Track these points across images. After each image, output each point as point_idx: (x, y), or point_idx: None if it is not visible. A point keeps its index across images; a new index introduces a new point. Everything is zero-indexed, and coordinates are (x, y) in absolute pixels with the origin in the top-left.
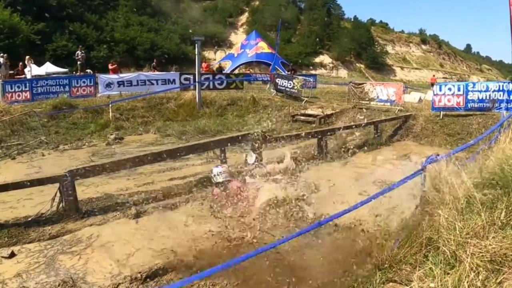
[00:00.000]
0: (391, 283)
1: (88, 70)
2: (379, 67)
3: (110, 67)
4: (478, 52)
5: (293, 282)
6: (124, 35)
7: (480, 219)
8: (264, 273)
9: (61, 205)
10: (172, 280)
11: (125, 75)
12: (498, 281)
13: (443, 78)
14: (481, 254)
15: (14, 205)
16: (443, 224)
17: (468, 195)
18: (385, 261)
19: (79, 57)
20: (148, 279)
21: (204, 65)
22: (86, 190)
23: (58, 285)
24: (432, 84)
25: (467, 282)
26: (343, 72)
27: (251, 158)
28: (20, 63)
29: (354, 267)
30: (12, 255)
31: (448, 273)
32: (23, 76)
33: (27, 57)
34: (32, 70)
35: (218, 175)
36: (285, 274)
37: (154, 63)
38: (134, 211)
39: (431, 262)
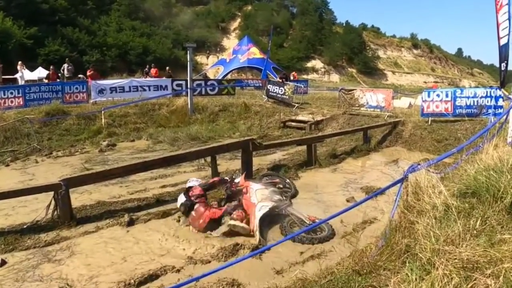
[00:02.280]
0: None
1: (80, 76)
2: (371, 71)
3: (88, 73)
4: (469, 56)
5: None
6: (116, 40)
7: (457, 227)
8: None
9: (55, 212)
10: (162, 286)
11: (118, 81)
12: (469, 286)
13: (434, 82)
14: (455, 261)
15: (9, 212)
16: (421, 231)
17: (446, 204)
18: (366, 267)
19: (66, 70)
20: (140, 285)
21: (153, 71)
22: (79, 197)
23: None
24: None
25: (440, 287)
26: (335, 77)
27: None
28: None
29: (335, 271)
30: (3, 263)
31: (423, 279)
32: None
33: (20, 62)
34: (24, 75)
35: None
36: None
37: (146, 69)
38: (127, 219)
39: (408, 268)
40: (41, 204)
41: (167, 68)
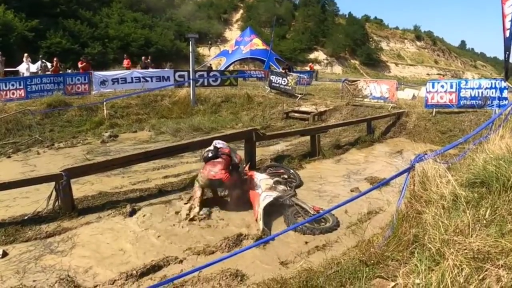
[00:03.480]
0: (378, 279)
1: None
2: (374, 63)
3: (79, 65)
4: (472, 49)
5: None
6: (118, 32)
7: (466, 217)
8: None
9: (57, 203)
10: (166, 276)
11: (119, 73)
12: (480, 277)
13: (438, 74)
14: (465, 251)
15: (10, 204)
16: (429, 221)
17: (454, 194)
18: (373, 257)
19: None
20: (143, 276)
21: (125, 62)
22: (81, 188)
23: (56, 282)
24: None
25: (450, 278)
26: (337, 69)
27: None
28: None
29: (341, 262)
30: (5, 254)
31: (432, 270)
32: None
33: (25, 54)
34: (30, 67)
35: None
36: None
37: (147, 60)
38: (129, 209)
39: (416, 258)
40: (42, 195)
41: (169, 63)
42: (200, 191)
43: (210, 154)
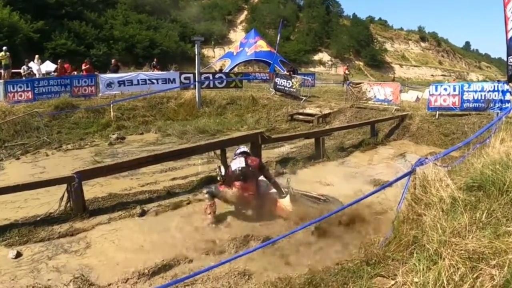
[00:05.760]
0: (378, 277)
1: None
2: (378, 64)
3: (83, 67)
4: (477, 50)
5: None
6: (123, 33)
7: (463, 220)
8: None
9: (69, 204)
10: (176, 275)
11: (126, 75)
12: (474, 276)
13: (442, 75)
14: (461, 252)
15: (22, 205)
16: (428, 223)
17: (453, 197)
18: (374, 257)
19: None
20: (154, 275)
21: (84, 65)
22: (91, 189)
23: (70, 281)
24: None
25: (446, 277)
26: (342, 70)
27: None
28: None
29: (345, 262)
30: (19, 255)
31: (430, 269)
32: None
33: (36, 56)
34: (34, 68)
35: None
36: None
37: (154, 62)
38: (139, 210)
39: (415, 258)
40: (53, 197)
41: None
42: (215, 206)
43: (241, 172)
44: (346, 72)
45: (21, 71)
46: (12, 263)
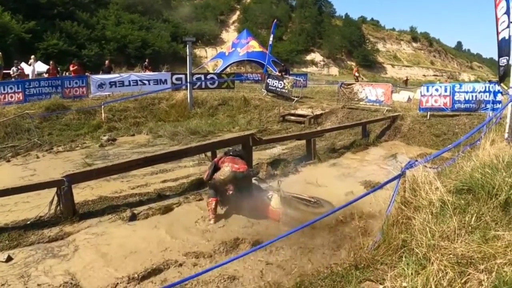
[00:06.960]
0: (367, 282)
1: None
2: (370, 64)
3: (71, 68)
4: (469, 50)
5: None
6: (115, 33)
7: (452, 223)
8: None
9: (58, 208)
10: (166, 279)
11: (117, 76)
12: (463, 281)
13: (434, 75)
14: (450, 256)
15: (12, 208)
16: (418, 227)
17: (442, 200)
18: (363, 261)
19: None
20: (144, 279)
21: (50, 67)
22: (81, 192)
23: (60, 286)
24: None
25: (435, 281)
26: (334, 70)
27: None
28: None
29: (333, 266)
30: (9, 259)
31: (418, 273)
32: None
33: (32, 56)
34: (25, 69)
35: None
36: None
37: (146, 63)
38: (129, 214)
39: (404, 263)
40: (43, 200)
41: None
42: (215, 202)
43: (233, 153)
44: (356, 74)
45: (11, 72)
46: (2, 267)
